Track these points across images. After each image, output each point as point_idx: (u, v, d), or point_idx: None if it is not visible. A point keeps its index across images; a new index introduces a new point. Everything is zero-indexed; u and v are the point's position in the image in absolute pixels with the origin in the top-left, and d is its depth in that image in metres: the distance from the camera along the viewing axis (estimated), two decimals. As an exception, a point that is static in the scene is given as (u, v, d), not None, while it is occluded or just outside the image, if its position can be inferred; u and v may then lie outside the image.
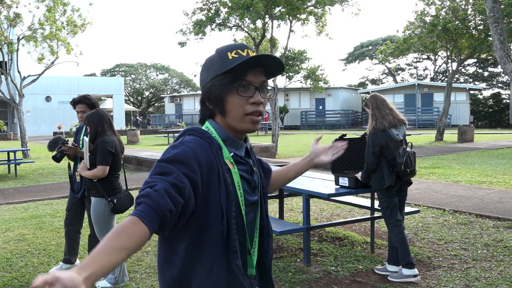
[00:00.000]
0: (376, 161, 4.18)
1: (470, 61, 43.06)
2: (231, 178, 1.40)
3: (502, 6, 14.67)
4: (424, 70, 56.93)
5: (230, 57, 1.40)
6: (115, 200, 3.98)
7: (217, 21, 17.70)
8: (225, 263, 1.37)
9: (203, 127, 1.46)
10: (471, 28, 19.37)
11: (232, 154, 1.44)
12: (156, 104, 60.44)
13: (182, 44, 18.78)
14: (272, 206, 7.06)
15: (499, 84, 46.82)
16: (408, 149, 4.24)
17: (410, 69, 53.65)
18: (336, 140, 4.94)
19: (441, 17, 19.59)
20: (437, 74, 48.88)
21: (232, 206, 1.38)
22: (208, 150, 1.38)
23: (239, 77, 1.39)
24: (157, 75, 59.20)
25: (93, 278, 1.02)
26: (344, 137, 4.95)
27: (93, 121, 4.03)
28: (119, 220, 6.42)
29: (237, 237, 1.39)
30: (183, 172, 1.28)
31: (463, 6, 19.77)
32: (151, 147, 19.72)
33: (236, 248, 1.38)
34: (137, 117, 43.94)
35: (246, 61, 1.37)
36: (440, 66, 48.58)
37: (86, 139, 4.02)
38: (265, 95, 1.45)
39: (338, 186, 4.73)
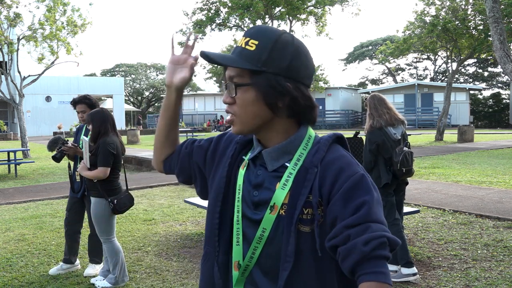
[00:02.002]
0: (374, 159, 4.22)
1: (470, 61, 43.06)
2: (236, 177, 1.27)
3: (502, 6, 14.67)
4: (424, 70, 57.01)
5: None
6: (115, 201, 3.97)
7: (217, 21, 17.74)
8: (206, 258, 1.31)
9: None
10: (471, 28, 19.38)
11: (249, 155, 1.28)
12: (156, 104, 60.47)
13: (182, 44, 18.80)
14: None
15: (499, 84, 46.83)
16: (405, 148, 4.26)
17: (410, 69, 53.69)
18: None
19: (441, 17, 19.59)
20: (437, 74, 48.88)
21: (220, 202, 1.27)
22: (232, 140, 1.35)
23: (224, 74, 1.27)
24: (157, 75, 59.23)
25: None
26: None
27: (96, 120, 3.98)
28: (118, 220, 6.42)
29: (217, 238, 1.26)
30: (207, 141, 1.43)
31: (463, 6, 19.78)
32: (151, 147, 19.70)
33: (213, 249, 1.28)
34: None
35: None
36: (440, 66, 48.61)
37: (86, 138, 4.00)
38: (231, 92, 1.20)
39: (338, 186, 4.73)
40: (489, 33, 10.54)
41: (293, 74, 1.17)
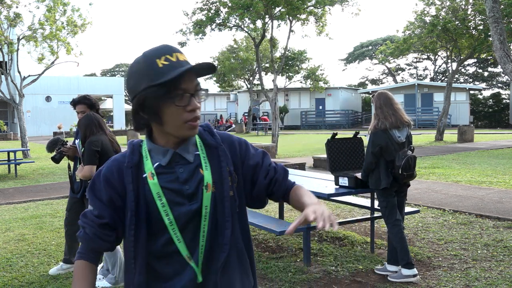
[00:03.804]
0: (375, 160, 4.17)
1: (470, 61, 43.07)
2: (149, 189, 1.40)
3: (502, 6, 14.67)
4: (424, 70, 56.98)
5: (160, 65, 1.34)
6: None
7: (217, 21, 17.70)
8: (134, 268, 1.42)
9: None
10: (471, 28, 19.37)
11: (156, 164, 1.42)
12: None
13: (182, 44, 18.76)
14: (272, 206, 7.06)
15: (499, 84, 46.84)
16: (409, 152, 4.16)
17: (410, 69, 53.70)
18: (328, 140, 4.97)
19: (441, 17, 19.58)
20: (437, 74, 48.86)
21: (137, 216, 1.40)
22: (121, 168, 1.43)
23: (173, 86, 1.34)
24: (157, 75, 59.22)
25: None
26: (336, 137, 4.99)
27: (82, 125, 4.13)
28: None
29: (133, 252, 1.41)
30: (101, 198, 1.44)
31: (463, 6, 19.77)
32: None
33: (133, 260, 1.41)
34: None
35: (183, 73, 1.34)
36: (440, 66, 48.60)
37: (77, 142, 4.13)
38: (200, 98, 1.41)
39: (338, 186, 4.73)
40: (489, 33, 10.54)
41: None
